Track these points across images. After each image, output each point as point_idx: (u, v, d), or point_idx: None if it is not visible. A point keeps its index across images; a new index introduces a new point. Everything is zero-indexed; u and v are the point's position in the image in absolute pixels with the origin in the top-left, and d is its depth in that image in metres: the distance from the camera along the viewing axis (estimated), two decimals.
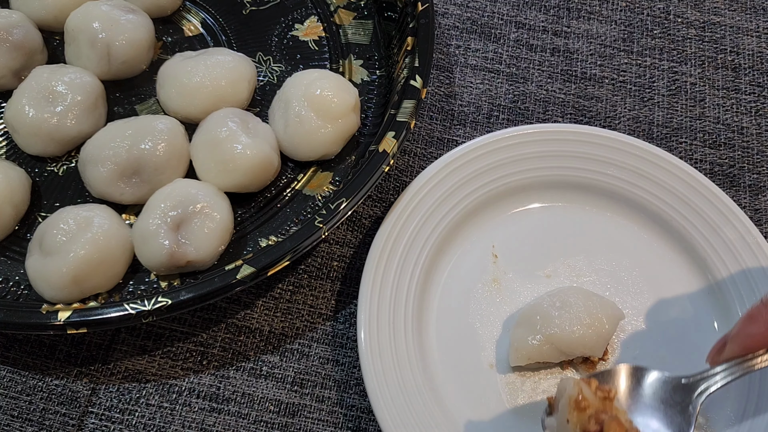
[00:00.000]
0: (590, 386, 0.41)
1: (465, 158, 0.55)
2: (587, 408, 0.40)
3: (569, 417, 0.40)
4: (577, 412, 0.40)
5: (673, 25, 0.69)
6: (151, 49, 0.60)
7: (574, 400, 0.40)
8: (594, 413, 0.39)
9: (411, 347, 0.50)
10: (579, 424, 0.39)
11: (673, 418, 0.44)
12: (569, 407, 0.40)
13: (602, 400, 0.40)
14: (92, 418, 0.50)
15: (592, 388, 0.41)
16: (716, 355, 0.45)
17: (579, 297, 0.50)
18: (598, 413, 0.39)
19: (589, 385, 0.41)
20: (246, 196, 0.55)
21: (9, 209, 0.51)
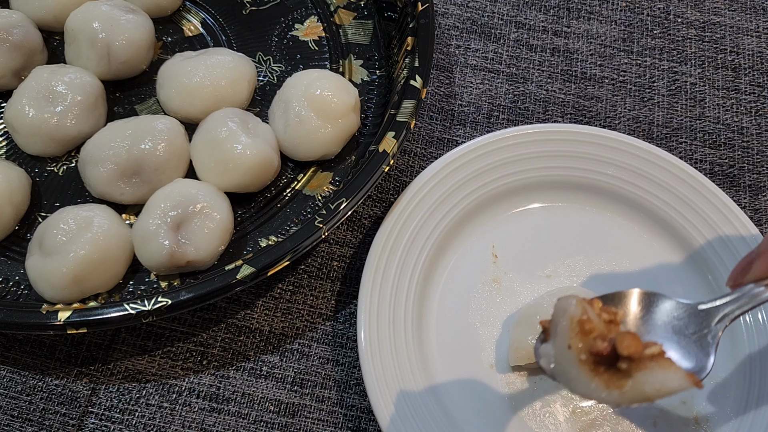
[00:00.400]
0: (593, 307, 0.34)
1: (465, 158, 0.55)
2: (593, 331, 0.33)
3: (571, 342, 0.34)
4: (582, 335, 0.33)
5: (673, 25, 0.69)
6: (151, 49, 0.60)
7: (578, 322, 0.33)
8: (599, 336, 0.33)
9: (411, 347, 0.50)
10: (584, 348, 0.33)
11: (689, 349, 0.39)
12: (571, 330, 0.34)
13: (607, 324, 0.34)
14: (92, 418, 0.50)
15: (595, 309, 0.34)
16: (740, 275, 0.38)
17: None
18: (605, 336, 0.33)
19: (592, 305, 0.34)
20: (246, 196, 0.55)
21: (9, 209, 0.51)
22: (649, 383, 0.32)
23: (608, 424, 0.49)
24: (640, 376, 0.32)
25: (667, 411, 0.50)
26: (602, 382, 0.33)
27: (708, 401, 0.50)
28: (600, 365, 0.33)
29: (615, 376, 0.32)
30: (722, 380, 0.51)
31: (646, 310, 0.40)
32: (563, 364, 0.34)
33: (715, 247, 0.54)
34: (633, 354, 0.32)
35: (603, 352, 0.32)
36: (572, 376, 0.34)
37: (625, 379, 0.32)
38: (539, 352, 0.37)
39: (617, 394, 0.33)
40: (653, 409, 0.50)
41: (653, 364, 0.32)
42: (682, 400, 0.50)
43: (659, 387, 0.32)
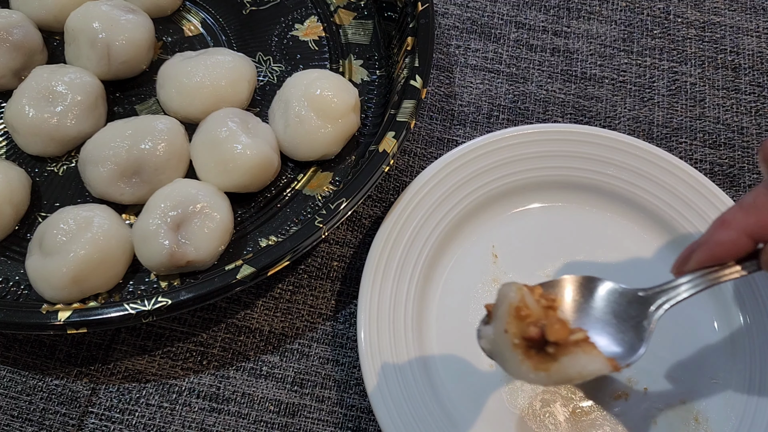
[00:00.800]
0: (533, 293, 0.36)
1: (465, 158, 0.55)
2: (528, 317, 0.35)
3: (507, 326, 0.36)
4: (517, 321, 0.35)
5: (673, 25, 0.69)
6: (151, 49, 0.60)
7: (515, 307, 0.35)
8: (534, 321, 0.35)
9: (411, 347, 0.50)
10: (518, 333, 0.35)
11: (625, 334, 0.40)
12: (509, 315, 0.36)
13: (545, 309, 0.36)
14: (92, 418, 0.50)
15: (535, 295, 0.36)
16: (682, 264, 0.40)
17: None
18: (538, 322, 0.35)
19: (532, 292, 0.36)
20: (246, 196, 0.55)
21: (9, 209, 0.51)
22: (572, 366, 0.34)
23: (608, 424, 0.49)
24: (565, 360, 0.34)
25: (667, 411, 0.50)
26: (531, 365, 0.35)
27: (708, 401, 0.50)
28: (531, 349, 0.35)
29: (543, 359, 0.35)
30: (722, 380, 0.51)
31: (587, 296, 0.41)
32: (499, 346, 0.36)
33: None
34: (559, 339, 0.34)
35: (534, 337, 0.34)
36: (506, 357, 0.36)
37: (552, 362, 0.34)
38: (480, 333, 0.39)
39: (544, 375, 0.35)
40: (653, 409, 0.50)
41: (577, 349, 0.34)
42: (683, 400, 0.50)
43: (581, 370, 0.34)
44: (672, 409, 0.50)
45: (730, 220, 0.37)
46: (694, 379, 0.51)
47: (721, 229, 0.38)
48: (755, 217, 0.36)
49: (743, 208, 0.37)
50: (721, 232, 0.38)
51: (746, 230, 0.37)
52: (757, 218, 0.36)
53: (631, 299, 0.41)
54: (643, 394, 0.50)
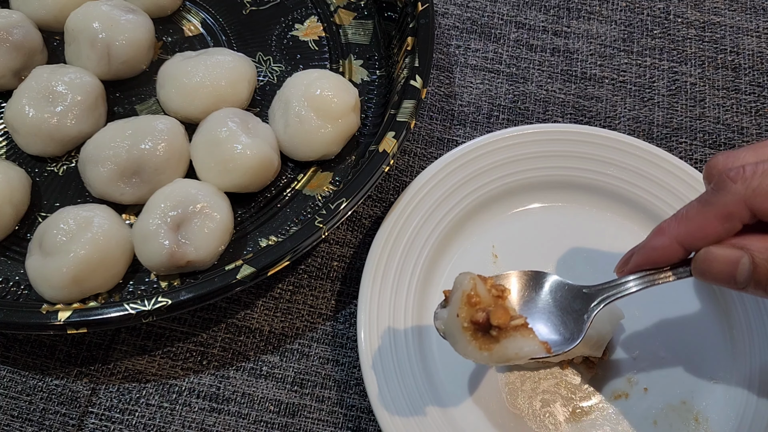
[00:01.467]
0: (485, 283, 0.41)
1: (465, 158, 0.55)
2: (478, 304, 0.40)
3: (459, 311, 0.40)
4: (468, 307, 0.40)
5: (673, 25, 0.69)
6: (151, 49, 0.60)
7: (467, 295, 0.40)
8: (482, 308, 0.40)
9: (411, 347, 0.50)
10: (467, 318, 0.40)
11: (567, 324, 0.44)
12: (461, 301, 0.40)
13: (495, 298, 0.40)
14: (92, 418, 0.50)
15: (487, 285, 0.41)
16: (623, 265, 0.44)
17: None
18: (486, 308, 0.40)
19: (484, 282, 0.41)
20: (246, 196, 0.55)
21: (9, 209, 0.51)
22: (510, 347, 0.39)
23: (608, 424, 0.49)
24: (505, 342, 0.39)
25: (668, 411, 0.50)
26: (477, 345, 0.40)
27: (708, 401, 0.50)
28: (478, 332, 0.40)
29: (487, 341, 0.39)
30: (722, 380, 0.51)
31: (537, 289, 0.45)
32: (451, 328, 0.41)
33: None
34: (501, 324, 0.39)
35: (481, 321, 0.39)
36: (456, 338, 0.41)
37: (494, 343, 0.39)
38: (437, 315, 0.43)
39: (487, 355, 0.40)
40: (653, 409, 0.50)
41: (516, 333, 0.39)
42: (683, 400, 0.50)
43: (518, 351, 0.39)
44: (672, 409, 0.50)
45: (665, 229, 0.41)
46: (694, 379, 0.51)
47: (657, 236, 0.41)
48: (685, 227, 0.40)
49: (677, 218, 0.41)
50: (656, 238, 0.41)
51: (677, 238, 0.40)
52: (686, 228, 0.40)
53: (575, 294, 0.45)
54: (643, 394, 0.50)
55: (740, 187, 0.38)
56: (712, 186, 0.40)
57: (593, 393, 0.50)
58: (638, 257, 0.43)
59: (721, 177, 0.39)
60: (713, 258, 0.39)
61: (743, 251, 0.39)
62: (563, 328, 0.44)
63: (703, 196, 0.40)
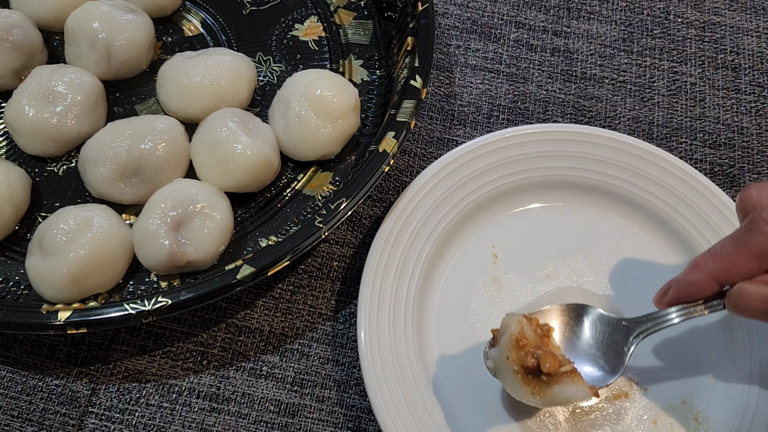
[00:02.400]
0: (531, 324, 0.43)
1: (465, 158, 0.55)
2: (526, 346, 0.42)
3: (509, 354, 0.42)
4: (516, 349, 0.42)
5: (673, 25, 0.69)
6: (151, 49, 0.60)
7: (515, 338, 0.42)
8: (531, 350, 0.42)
9: (411, 347, 0.50)
10: (517, 361, 0.42)
11: (608, 356, 0.46)
12: (510, 345, 0.42)
13: (540, 337, 0.43)
14: (92, 418, 0.50)
15: (532, 325, 0.43)
16: (660, 298, 0.46)
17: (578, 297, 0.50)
18: (534, 349, 0.42)
19: (530, 322, 0.43)
20: (246, 196, 0.55)
21: (9, 209, 0.51)
22: (561, 393, 0.42)
23: (608, 424, 0.49)
24: (556, 387, 0.42)
25: (668, 411, 0.50)
26: (529, 389, 0.42)
27: (708, 401, 0.50)
28: (529, 375, 0.42)
29: (539, 385, 0.42)
30: (722, 380, 0.51)
31: (578, 322, 0.47)
32: (502, 370, 0.44)
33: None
34: (551, 371, 0.41)
35: (531, 366, 0.42)
36: (508, 380, 0.43)
37: (546, 388, 0.42)
38: (487, 355, 0.46)
39: (539, 399, 0.42)
40: (653, 409, 0.50)
41: (566, 379, 0.41)
42: (683, 400, 0.50)
43: (569, 396, 0.42)
44: (672, 409, 0.50)
45: (701, 264, 0.44)
46: (694, 379, 0.51)
47: (693, 271, 0.44)
48: (720, 264, 0.42)
49: (712, 254, 0.43)
50: (692, 273, 0.44)
51: (712, 275, 0.43)
52: (721, 266, 0.42)
53: (615, 327, 0.47)
54: (643, 394, 0.50)
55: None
56: (746, 225, 0.42)
57: None
58: (676, 290, 0.45)
59: (754, 217, 0.41)
60: (747, 295, 0.42)
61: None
62: (603, 361, 0.46)
63: (738, 234, 0.42)
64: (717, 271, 0.43)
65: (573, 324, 0.47)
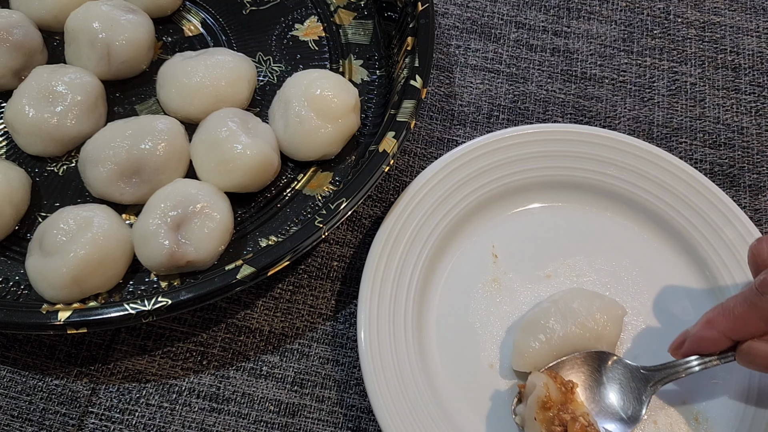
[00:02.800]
0: (555, 382, 0.46)
1: (465, 158, 0.55)
2: (552, 407, 0.45)
3: (536, 415, 0.45)
4: (543, 411, 0.45)
5: (673, 25, 0.69)
6: (151, 49, 0.60)
7: (542, 401, 0.45)
8: (557, 411, 0.45)
9: (411, 347, 0.50)
10: (544, 423, 0.45)
11: (628, 402, 0.48)
12: (537, 406, 0.45)
13: (564, 394, 0.46)
14: (92, 418, 0.50)
15: (557, 383, 0.46)
16: (676, 349, 0.48)
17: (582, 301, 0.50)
18: (560, 410, 0.45)
19: (554, 380, 0.46)
20: (246, 196, 0.55)
21: (9, 209, 0.51)
22: None
23: None
24: None
25: (668, 410, 0.50)
26: None
27: (708, 401, 0.50)
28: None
29: None
30: (722, 380, 0.51)
31: (598, 371, 0.49)
32: (530, 428, 0.46)
33: (714, 247, 0.54)
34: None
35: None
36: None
37: None
38: (515, 411, 0.48)
39: None
40: (653, 408, 0.50)
41: None
42: (683, 400, 0.50)
43: None
44: (672, 409, 0.50)
45: (714, 322, 0.46)
46: (694, 379, 0.51)
47: (706, 328, 0.46)
48: (732, 324, 0.45)
49: (725, 313, 0.46)
50: (706, 330, 0.46)
51: (725, 333, 0.45)
52: (733, 325, 0.45)
53: (634, 374, 0.49)
54: None
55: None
56: (757, 287, 0.44)
57: None
58: (690, 345, 0.47)
59: (765, 280, 0.43)
60: (756, 352, 0.45)
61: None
62: (623, 408, 0.48)
63: (749, 296, 0.44)
64: (729, 330, 0.45)
65: (594, 373, 0.49)
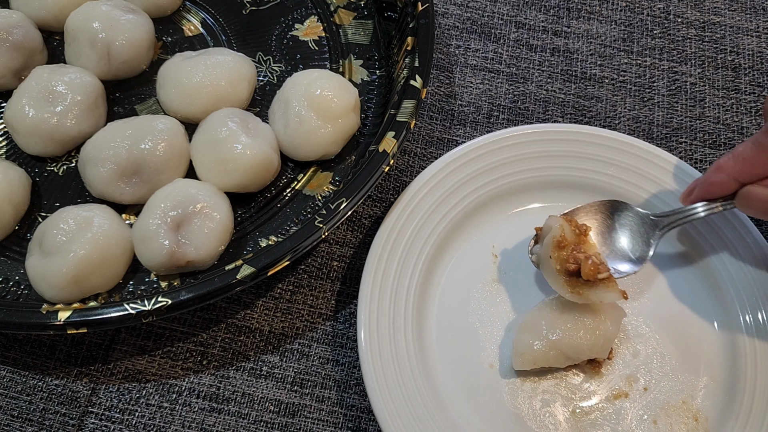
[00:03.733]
0: (570, 225, 0.49)
1: (465, 158, 0.55)
2: (566, 246, 0.48)
3: (551, 254, 0.49)
4: (558, 250, 0.48)
5: (673, 25, 0.69)
6: (151, 49, 0.60)
7: (557, 240, 0.49)
8: (570, 251, 0.48)
9: (411, 347, 0.50)
10: (559, 261, 0.48)
11: (637, 245, 0.52)
12: (552, 246, 0.49)
13: (578, 236, 0.49)
14: (92, 418, 0.50)
15: (572, 226, 0.49)
16: (686, 196, 0.51)
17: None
18: (574, 250, 0.48)
19: (570, 223, 0.49)
20: (246, 196, 0.55)
21: (9, 209, 0.51)
22: (596, 295, 0.48)
23: (608, 424, 0.49)
24: (593, 290, 0.48)
25: (668, 411, 0.50)
26: (569, 287, 0.48)
27: (708, 401, 0.50)
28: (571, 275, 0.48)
29: (578, 285, 0.48)
30: (722, 380, 0.51)
31: (611, 218, 0.53)
32: (545, 267, 0.50)
33: (715, 247, 0.54)
34: (589, 277, 0.47)
35: (572, 270, 0.48)
36: (550, 275, 0.50)
37: (584, 288, 0.48)
38: (531, 250, 0.52)
39: (577, 296, 0.48)
40: (653, 408, 0.50)
41: (601, 285, 0.48)
42: (683, 400, 0.50)
43: (601, 298, 0.48)
44: (672, 409, 0.50)
45: (723, 167, 0.48)
46: (694, 379, 0.51)
47: (716, 173, 0.49)
48: (741, 166, 0.47)
49: (734, 156, 0.48)
50: (715, 175, 0.49)
51: (734, 175, 0.48)
52: (742, 167, 0.47)
53: (644, 220, 0.53)
54: (643, 394, 0.50)
55: None
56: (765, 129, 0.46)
57: (593, 393, 0.50)
58: (701, 191, 0.50)
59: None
60: (753, 196, 0.47)
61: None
62: (632, 251, 0.52)
63: (758, 138, 0.46)
64: (738, 173, 0.47)
65: (607, 219, 0.53)
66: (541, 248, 0.50)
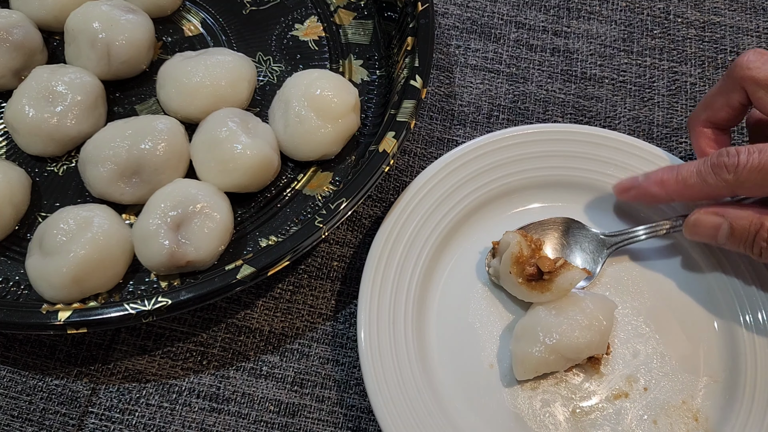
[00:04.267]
0: (526, 240, 0.51)
1: (465, 158, 0.55)
2: (524, 261, 0.50)
3: (511, 270, 0.50)
4: (517, 265, 0.50)
5: (673, 25, 0.69)
6: (151, 49, 0.60)
7: (515, 257, 0.50)
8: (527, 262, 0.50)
9: (411, 347, 0.50)
10: (519, 273, 0.50)
11: (587, 262, 0.54)
12: (511, 261, 0.50)
13: (533, 250, 0.51)
14: (92, 418, 0.50)
15: (528, 241, 0.51)
16: (622, 192, 0.54)
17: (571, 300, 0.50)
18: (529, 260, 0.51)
19: (525, 239, 0.51)
20: (246, 196, 0.55)
21: (9, 209, 0.51)
22: (564, 281, 0.50)
23: (608, 424, 0.49)
24: (558, 280, 0.50)
25: (668, 411, 0.50)
26: (538, 291, 0.50)
27: (708, 401, 0.50)
28: (532, 281, 0.50)
29: (543, 285, 0.50)
30: (722, 380, 0.51)
31: (563, 235, 0.55)
32: (506, 281, 0.52)
33: (714, 247, 0.54)
34: (549, 268, 0.50)
35: (532, 273, 0.50)
36: (512, 287, 0.52)
37: (550, 284, 0.50)
38: (488, 263, 0.54)
39: (549, 294, 0.50)
40: (653, 408, 0.50)
41: (563, 270, 0.50)
42: (683, 400, 0.50)
43: (571, 281, 0.50)
44: (672, 409, 0.50)
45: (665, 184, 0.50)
46: (694, 379, 0.51)
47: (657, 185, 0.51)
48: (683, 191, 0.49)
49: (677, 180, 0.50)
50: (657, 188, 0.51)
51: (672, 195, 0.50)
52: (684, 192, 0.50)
53: (593, 239, 0.55)
54: (643, 394, 0.50)
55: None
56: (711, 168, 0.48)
57: (593, 393, 0.50)
58: (637, 194, 0.52)
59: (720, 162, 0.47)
60: (701, 223, 0.49)
61: (724, 218, 0.48)
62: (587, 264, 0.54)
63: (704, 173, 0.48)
64: (677, 196, 0.50)
65: (560, 236, 0.55)
66: (500, 263, 0.52)
